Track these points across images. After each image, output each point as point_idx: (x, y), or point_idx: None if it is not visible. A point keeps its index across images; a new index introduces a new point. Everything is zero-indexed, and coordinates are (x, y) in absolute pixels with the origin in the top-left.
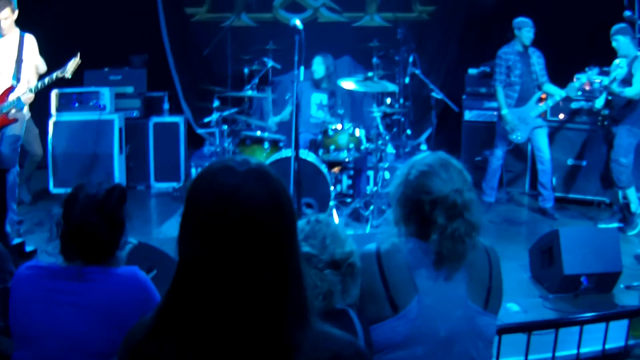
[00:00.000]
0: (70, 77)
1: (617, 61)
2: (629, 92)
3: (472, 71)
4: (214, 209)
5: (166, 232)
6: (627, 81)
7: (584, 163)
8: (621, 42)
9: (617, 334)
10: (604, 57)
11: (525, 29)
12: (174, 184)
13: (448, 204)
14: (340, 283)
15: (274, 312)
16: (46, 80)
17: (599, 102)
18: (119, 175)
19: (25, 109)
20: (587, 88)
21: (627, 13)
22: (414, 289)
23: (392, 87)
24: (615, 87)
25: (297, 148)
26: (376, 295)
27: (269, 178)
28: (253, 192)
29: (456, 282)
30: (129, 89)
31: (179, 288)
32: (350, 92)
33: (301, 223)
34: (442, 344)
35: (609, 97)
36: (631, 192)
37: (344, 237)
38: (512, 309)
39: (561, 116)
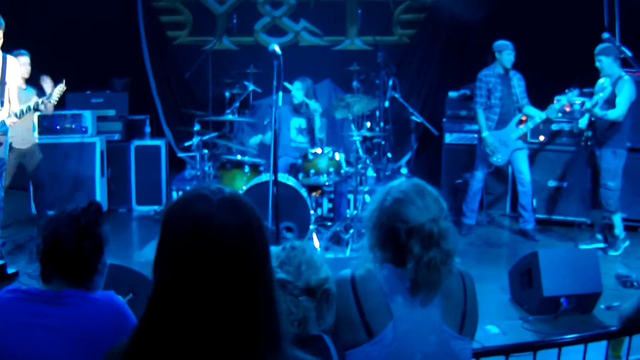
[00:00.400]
0: (55, 103)
1: (601, 80)
2: (612, 114)
3: (452, 94)
4: (187, 237)
5: (147, 255)
6: (610, 101)
7: (565, 184)
8: (604, 62)
9: (597, 355)
10: (585, 78)
11: (505, 52)
12: (156, 207)
13: (424, 233)
14: (315, 309)
15: (246, 337)
16: (31, 105)
17: (583, 122)
18: (100, 198)
19: (35, 134)
20: (568, 109)
21: (606, 35)
22: (389, 315)
23: (373, 103)
24: (598, 111)
25: (275, 172)
26: (351, 321)
27: (242, 207)
28: (225, 221)
29: (431, 307)
30: (111, 112)
31: (153, 313)
32: (330, 116)
33: (276, 250)
34: None
35: (592, 119)
36: (617, 217)
37: (319, 264)
38: (491, 331)
39: (541, 138)
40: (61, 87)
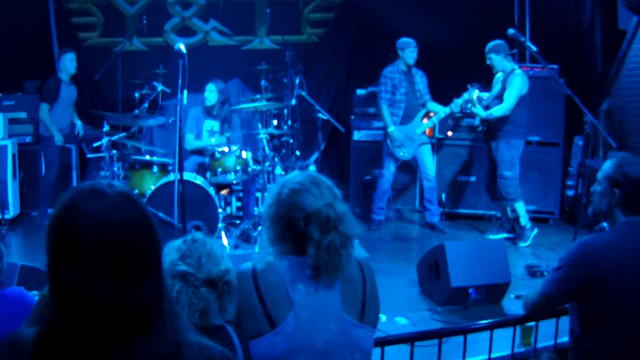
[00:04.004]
0: None
1: (499, 75)
2: (496, 112)
3: (360, 92)
4: (92, 234)
5: None
6: (501, 97)
7: (473, 178)
8: (494, 59)
9: (504, 344)
10: (490, 74)
11: (408, 49)
12: None
13: (322, 218)
14: (216, 300)
15: (153, 322)
16: None
17: (478, 117)
18: (13, 201)
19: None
20: (470, 106)
21: (511, 31)
22: (290, 304)
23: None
24: (480, 112)
25: (181, 171)
26: (253, 312)
27: (136, 198)
28: (127, 213)
29: (331, 296)
30: (22, 115)
31: (64, 312)
32: (241, 116)
33: (177, 242)
34: (320, 357)
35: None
36: (520, 206)
37: (220, 256)
38: (400, 323)
39: (449, 133)
40: None
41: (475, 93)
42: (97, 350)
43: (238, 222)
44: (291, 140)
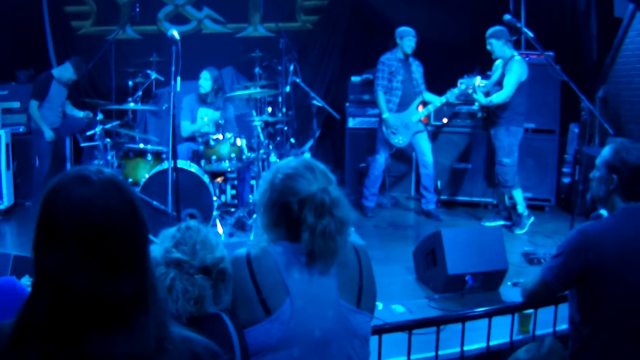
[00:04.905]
0: None
1: (498, 61)
2: (496, 99)
3: (355, 79)
4: (72, 219)
5: None
6: (501, 83)
7: (470, 166)
8: (494, 45)
9: (503, 331)
10: (489, 61)
11: (407, 38)
12: None
13: (316, 202)
14: (211, 288)
15: (134, 317)
16: None
17: (477, 104)
18: (6, 191)
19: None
20: (471, 92)
21: (507, 17)
22: (286, 291)
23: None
24: (482, 99)
25: (175, 158)
26: (248, 299)
27: (123, 186)
28: (109, 202)
29: (327, 282)
30: (15, 104)
31: (39, 298)
32: (235, 103)
33: (172, 230)
34: (317, 344)
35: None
36: (517, 193)
37: (214, 243)
38: (397, 310)
39: (445, 120)
40: None
41: (477, 80)
42: (70, 343)
43: (233, 210)
44: (286, 128)
